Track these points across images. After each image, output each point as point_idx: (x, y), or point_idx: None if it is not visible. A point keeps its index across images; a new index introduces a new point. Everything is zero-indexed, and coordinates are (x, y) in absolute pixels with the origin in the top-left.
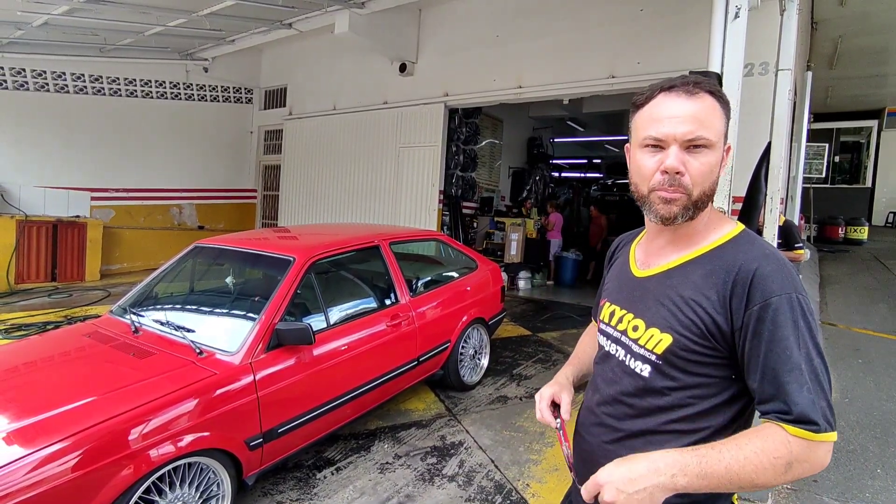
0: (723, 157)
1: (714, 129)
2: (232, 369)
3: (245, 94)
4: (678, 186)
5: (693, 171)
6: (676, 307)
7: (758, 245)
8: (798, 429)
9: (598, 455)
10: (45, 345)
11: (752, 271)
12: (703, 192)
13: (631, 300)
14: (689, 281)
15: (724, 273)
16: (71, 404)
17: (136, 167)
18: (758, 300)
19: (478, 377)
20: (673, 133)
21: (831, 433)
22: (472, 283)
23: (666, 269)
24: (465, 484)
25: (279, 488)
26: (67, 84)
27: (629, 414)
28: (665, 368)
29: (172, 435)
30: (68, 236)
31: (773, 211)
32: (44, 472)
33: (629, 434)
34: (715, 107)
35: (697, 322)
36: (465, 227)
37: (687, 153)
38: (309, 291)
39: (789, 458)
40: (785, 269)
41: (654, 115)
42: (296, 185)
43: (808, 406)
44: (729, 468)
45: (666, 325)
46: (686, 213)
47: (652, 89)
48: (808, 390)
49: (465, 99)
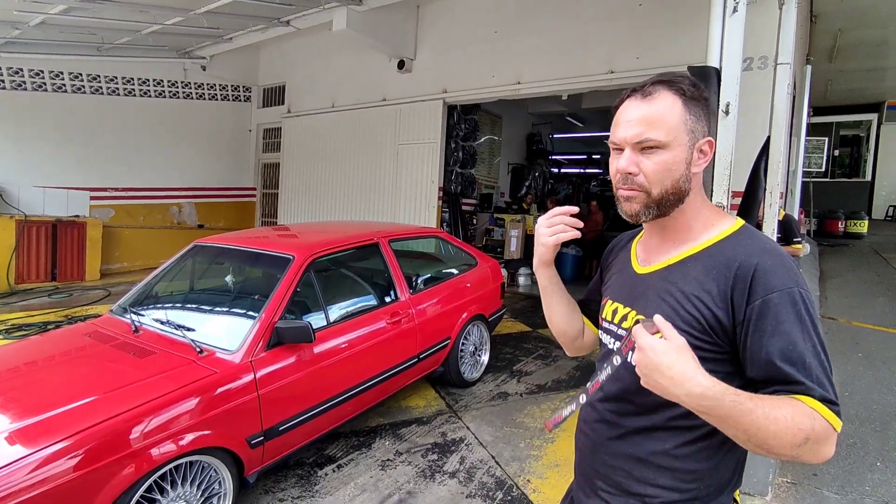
0: (700, 151)
1: (666, 128)
2: (232, 368)
3: (243, 92)
4: (633, 185)
5: (647, 170)
6: (677, 303)
7: (758, 240)
8: (828, 408)
9: (601, 451)
10: (45, 345)
11: (753, 266)
12: (664, 190)
13: (632, 297)
14: (690, 276)
15: (725, 268)
16: (72, 404)
17: (135, 166)
18: (759, 295)
19: (478, 374)
20: (625, 136)
21: (838, 421)
22: (472, 279)
23: (666, 266)
24: (467, 480)
25: (280, 486)
26: (65, 83)
27: (631, 411)
28: None
29: (174, 434)
30: (68, 236)
31: (772, 205)
32: (46, 471)
33: (631, 430)
34: (674, 105)
35: (699, 317)
36: (464, 223)
37: (641, 154)
38: (308, 289)
39: (810, 433)
40: (786, 264)
41: (617, 120)
42: (295, 183)
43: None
44: (754, 422)
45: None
46: (648, 210)
47: (623, 94)
48: (818, 383)
49: (464, 95)
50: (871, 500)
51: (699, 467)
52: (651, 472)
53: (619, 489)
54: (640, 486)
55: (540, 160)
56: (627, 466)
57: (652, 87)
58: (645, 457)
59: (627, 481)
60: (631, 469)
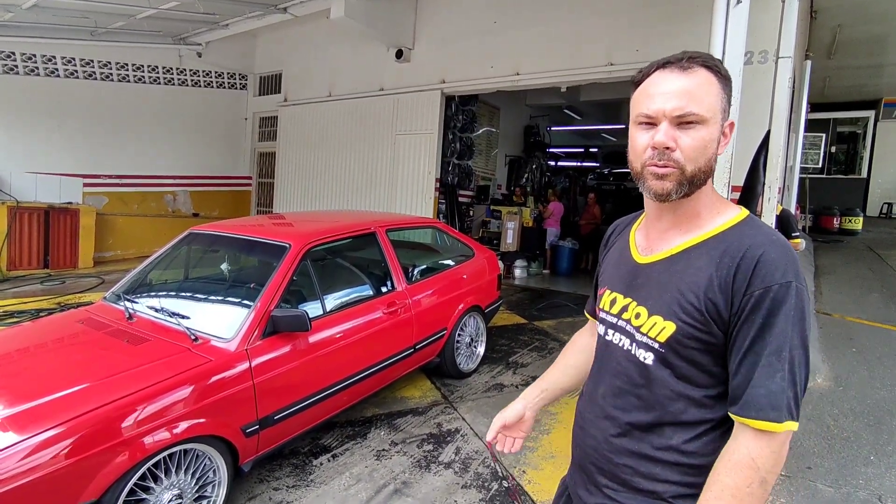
0: (723, 133)
1: (707, 104)
2: (227, 356)
3: (239, 79)
4: (669, 161)
5: (684, 146)
6: (680, 293)
7: (764, 230)
8: (761, 422)
9: (605, 449)
10: (38, 331)
11: (756, 256)
12: (697, 168)
13: (633, 287)
14: (694, 266)
15: (729, 257)
16: (65, 391)
17: (130, 153)
18: (758, 286)
19: (474, 365)
20: (663, 109)
21: (794, 422)
22: (469, 270)
23: (669, 255)
24: (462, 471)
25: (275, 475)
26: (58, 68)
27: (636, 405)
28: (670, 357)
29: (168, 422)
30: (60, 223)
31: (770, 200)
32: (37, 458)
33: (636, 426)
34: (711, 82)
35: (700, 307)
36: (461, 215)
37: (678, 129)
38: (305, 278)
39: (760, 475)
40: (789, 256)
41: (647, 91)
42: (291, 173)
43: (777, 392)
44: None
45: (670, 313)
46: (681, 188)
47: (650, 66)
48: (781, 378)
49: (463, 86)
50: (864, 494)
51: (706, 461)
52: (658, 468)
53: (626, 486)
54: (648, 483)
55: (537, 152)
56: (633, 463)
57: (688, 62)
58: (651, 453)
59: (634, 478)
60: (636, 465)
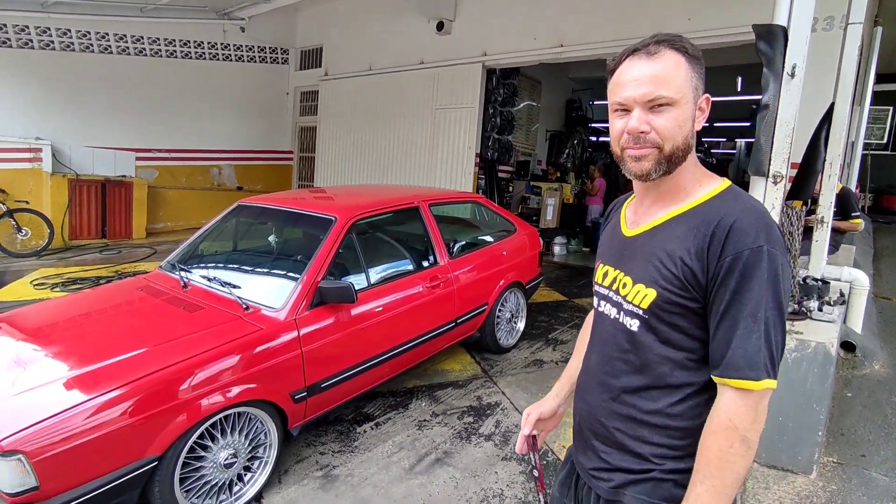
0: (699, 109)
1: (675, 85)
2: (277, 325)
3: (281, 54)
4: (645, 143)
5: (658, 127)
6: (660, 262)
7: (742, 199)
8: (738, 380)
9: (599, 413)
10: (101, 297)
11: (729, 224)
12: (675, 146)
13: (621, 259)
14: (673, 236)
15: (705, 226)
16: (127, 354)
17: (177, 127)
18: (730, 252)
19: (514, 340)
20: (633, 96)
21: (771, 380)
22: (510, 246)
23: (652, 227)
24: (502, 443)
25: (321, 440)
26: (111, 45)
27: (625, 370)
28: (653, 322)
29: (222, 386)
30: (116, 195)
31: (831, 177)
32: (102, 417)
33: (626, 390)
34: (679, 63)
35: (678, 274)
36: (500, 191)
37: (651, 112)
38: (350, 251)
39: (740, 433)
40: (762, 222)
41: (619, 80)
42: (332, 148)
43: (753, 352)
44: (717, 488)
45: (651, 280)
46: (659, 167)
47: (622, 54)
48: (757, 338)
49: (504, 59)
50: None
51: (691, 424)
52: (646, 430)
53: (616, 447)
54: (636, 444)
55: (579, 127)
56: (623, 426)
57: (655, 47)
58: (639, 416)
59: (624, 440)
60: (626, 428)
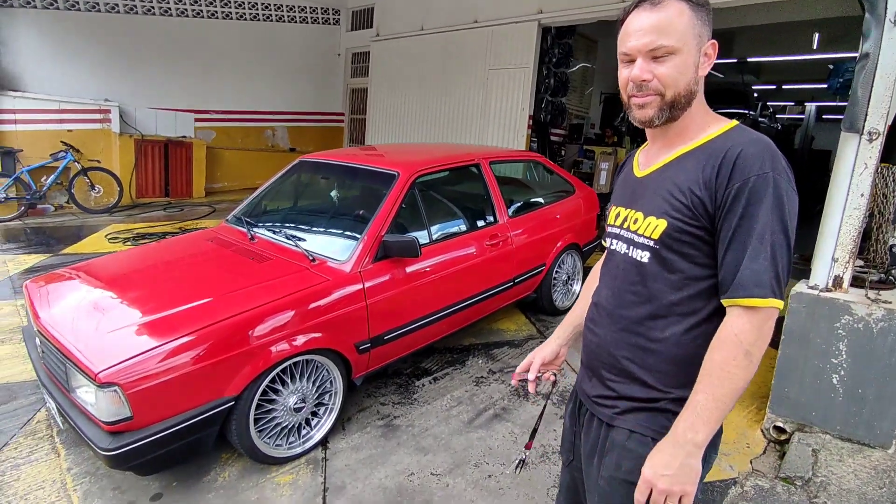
0: (704, 55)
1: (677, 34)
2: (343, 276)
3: (332, 14)
4: (648, 91)
5: (661, 74)
6: (670, 194)
7: (748, 133)
8: (746, 299)
9: (608, 344)
10: (173, 248)
11: (736, 153)
12: (677, 93)
13: (633, 199)
14: (682, 169)
15: (714, 158)
16: (199, 301)
17: (232, 89)
18: (737, 179)
19: (569, 302)
20: (636, 45)
21: (777, 300)
22: (568, 208)
23: (662, 165)
24: (560, 402)
25: (382, 392)
26: (171, 7)
27: (634, 301)
28: (663, 252)
29: (291, 333)
30: (177, 155)
31: None
32: (185, 356)
33: (634, 320)
34: (682, 11)
35: (688, 203)
36: (552, 154)
37: (654, 62)
38: (411, 207)
39: (744, 348)
40: (768, 152)
41: (626, 31)
42: (383, 109)
43: (760, 271)
44: (716, 397)
45: (661, 212)
46: (662, 114)
47: (630, 6)
48: (764, 258)
49: (561, 16)
50: None
51: (694, 353)
52: (652, 358)
53: (623, 375)
54: (642, 372)
55: None
56: (630, 354)
57: None
58: (646, 345)
59: (630, 367)
60: (633, 356)
